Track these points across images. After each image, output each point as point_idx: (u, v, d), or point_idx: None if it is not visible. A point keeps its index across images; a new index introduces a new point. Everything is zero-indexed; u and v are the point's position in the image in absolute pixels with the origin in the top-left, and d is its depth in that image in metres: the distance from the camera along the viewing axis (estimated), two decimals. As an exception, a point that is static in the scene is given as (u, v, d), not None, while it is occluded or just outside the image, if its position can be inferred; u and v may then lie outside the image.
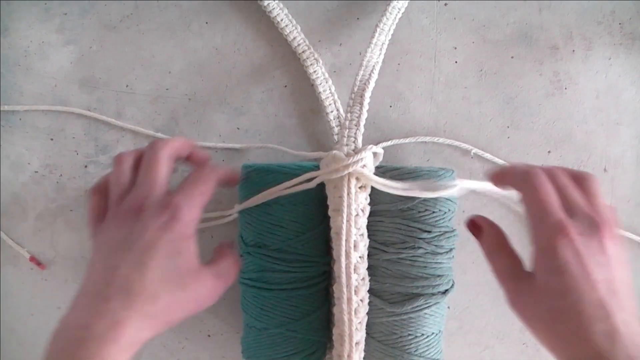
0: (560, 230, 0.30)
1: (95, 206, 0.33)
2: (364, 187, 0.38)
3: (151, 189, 0.31)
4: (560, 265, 0.29)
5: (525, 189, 0.32)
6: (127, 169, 0.33)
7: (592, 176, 0.33)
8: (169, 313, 0.30)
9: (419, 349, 0.39)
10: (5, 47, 0.45)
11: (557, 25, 0.46)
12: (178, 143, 0.34)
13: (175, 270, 0.30)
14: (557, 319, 0.29)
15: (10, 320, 0.46)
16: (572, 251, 0.29)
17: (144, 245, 0.30)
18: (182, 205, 0.31)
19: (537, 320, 0.30)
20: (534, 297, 0.30)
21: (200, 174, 0.33)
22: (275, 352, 0.39)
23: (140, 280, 0.29)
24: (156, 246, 0.30)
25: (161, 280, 0.30)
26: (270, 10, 0.44)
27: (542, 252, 0.30)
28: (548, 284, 0.30)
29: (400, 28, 0.44)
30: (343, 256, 0.37)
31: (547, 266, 0.30)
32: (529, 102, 0.46)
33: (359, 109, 0.39)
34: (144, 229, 0.30)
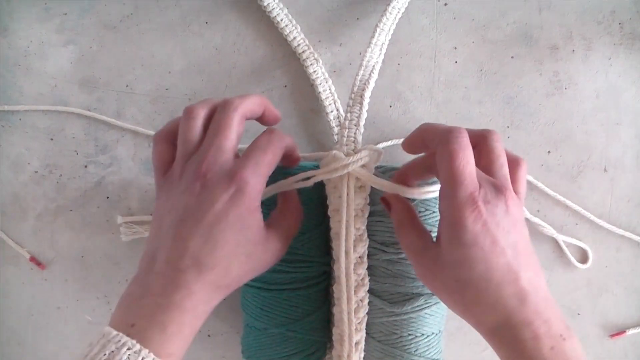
0: (470, 204, 0.29)
1: (160, 155, 0.33)
2: (364, 187, 0.38)
3: (219, 153, 0.31)
4: (469, 238, 0.29)
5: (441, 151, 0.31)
6: (197, 126, 0.32)
7: (492, 134, 0.32)
8: (239, 281, 0.32)
9: (419, 349, 0.39)
10: (5, 47, 0.45)
11: (557, 25, 0.46)
12: (253, 103, 0.33)
13: (244, 243, 0.31)
14: (466, 288, 0.30)
15: (10, 320, 0.46)
16: (481, 223, 0.29)
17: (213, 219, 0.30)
18: (249, 179, 0.31)
19: (445, 290, 0.31)
20: (441, 268, 0.31)
21: (269, 141, 0.33)
22: (275, 352, 0.39)
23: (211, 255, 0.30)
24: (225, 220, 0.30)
25: (232, 253, 0.31)
26: (270, 10, 0.44)
27: (450, 226, 0.30)
28: (455, 256, 0.30)
29: (400, 28, 0.44)
30: (343, 256, 0.37)
31: (454, 239, 0.30)
32: (529, 102, 0.46)
33: (358, 109, 0.39)
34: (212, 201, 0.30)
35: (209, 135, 0.32)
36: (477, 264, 0.29)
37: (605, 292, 0.47)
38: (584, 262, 0.46)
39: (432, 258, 0.32)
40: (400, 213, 0.36)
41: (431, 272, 0.32)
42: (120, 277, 0.46)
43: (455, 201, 0.30)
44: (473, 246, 0.29)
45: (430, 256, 0.32)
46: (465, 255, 0.29)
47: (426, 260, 0.32)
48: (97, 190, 0.46)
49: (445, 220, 0.31)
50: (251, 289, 0.40)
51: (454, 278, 0.30)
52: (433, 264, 0.32)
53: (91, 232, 0.46)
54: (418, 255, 0.33)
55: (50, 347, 0.47)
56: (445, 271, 0.31)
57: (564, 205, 0.46)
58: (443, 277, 0.31)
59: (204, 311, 0.31)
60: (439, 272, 0.31)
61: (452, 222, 0.30)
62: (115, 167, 0.46)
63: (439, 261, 0.31)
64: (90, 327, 0.46)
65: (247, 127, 0.46)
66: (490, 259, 0.29)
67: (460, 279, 0.30)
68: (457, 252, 0.30)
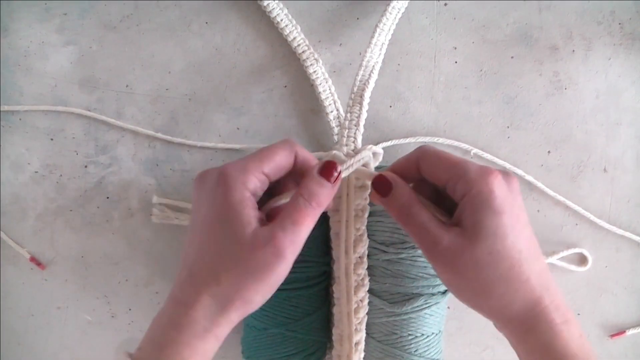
0: (489, 172, 0.29)
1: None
2: (364, 187, 0.38)
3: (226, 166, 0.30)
4: (498, 203, 0.29)
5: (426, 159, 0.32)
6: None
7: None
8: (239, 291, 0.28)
9: (419, 349, 0.39)
10: (5, 47, 0.45)
11: (557, 25, 0.46)
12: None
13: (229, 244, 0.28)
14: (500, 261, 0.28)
15: (10, 320, 0.46)
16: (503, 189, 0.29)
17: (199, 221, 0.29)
18: (229, 171, 0.29)
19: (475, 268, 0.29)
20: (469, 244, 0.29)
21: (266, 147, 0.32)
22: (275, 352, 0.39)
23: (198, 262, 0.29)
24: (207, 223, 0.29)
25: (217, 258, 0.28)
26: (270, 10, 0.44)
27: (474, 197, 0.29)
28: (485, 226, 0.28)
29: (400, 28, 0.44)
30: (342, 256, 0.37)
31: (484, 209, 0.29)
32: (529, 102, 0.46)
33: (358, 109, 0.39)
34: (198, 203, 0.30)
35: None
36: (509, 233, 0.28)
37: (605, 292, 0.47)
38: (583, 265, 0.46)
39: (457, 233, 0.29)
40: (409, 192, 0.32)
41: (457, 248, 0.29)
42: (120, 277, 0.46)
43: (472, 174, 0.29)
44: (503, 213, 0.28)
45: (454, 232, 0.30)
46: (497, 222, 0.28)
47: (451, 235, 0.29)
48: (97, 190, 0.46)
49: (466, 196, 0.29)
50: (251, 289, 0.40)
51: (487, 250, 0.28)
52: (460, 239, 0.29)
53: (91, 232, 0.46)
54: (439, 229, 0.30)
55: (50, 347, 0.47)
56: (477, 243, 0.29)
57: (564, 205, 0.46)
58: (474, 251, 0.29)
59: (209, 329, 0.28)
60: (468, 245, 0.29)
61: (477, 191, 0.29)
62: (115, 167, 0.46)
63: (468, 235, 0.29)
64: (90, 327, 0.46)
65: (247, 127, 0.46)
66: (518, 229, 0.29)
67: (494, 250, 0.28)
68: (489, 220, 0.28)
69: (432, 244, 0.30)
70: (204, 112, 0.45)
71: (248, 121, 0.45)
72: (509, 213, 0.29)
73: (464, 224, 0.30)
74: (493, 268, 0.29)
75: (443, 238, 0.30)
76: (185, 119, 0.45)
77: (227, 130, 0.45)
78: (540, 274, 0.29)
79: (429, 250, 0.31)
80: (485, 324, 0.46)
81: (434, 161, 0.32)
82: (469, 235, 0.29)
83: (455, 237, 0.29)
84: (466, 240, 0.29)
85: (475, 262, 0.29)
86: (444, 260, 0.30)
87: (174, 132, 0.45)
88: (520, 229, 0.29)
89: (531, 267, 0.29)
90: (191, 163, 0.45)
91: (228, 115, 0.45)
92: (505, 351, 0.46)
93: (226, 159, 0.45)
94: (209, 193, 0.30)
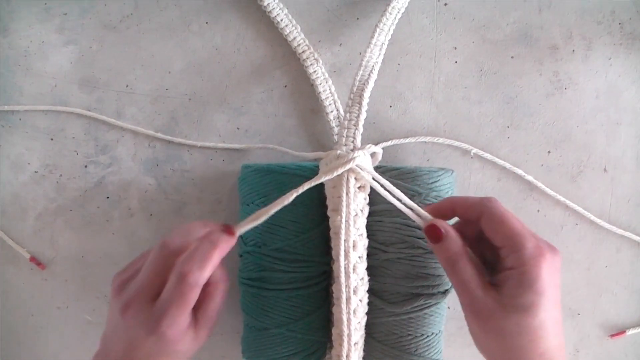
0: (542, 254, 0.31)
1: None
2: (363, 187, 0.38)
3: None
4: (541, 286, 0.31)
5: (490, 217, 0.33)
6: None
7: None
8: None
9: (419, 349, 0.39)
10: (5, 47, 0.45)
11: (557, 25, 0.46)
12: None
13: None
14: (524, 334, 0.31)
15: (10, 320, 0.46)
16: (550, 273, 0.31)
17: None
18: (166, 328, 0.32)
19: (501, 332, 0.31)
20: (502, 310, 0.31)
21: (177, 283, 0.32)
22: (275, 352, 0.39)
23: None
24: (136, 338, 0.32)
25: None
26: (270, 10, 0.44)
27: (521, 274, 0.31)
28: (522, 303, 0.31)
29: (400, 28, 0.44)
30: (342, 256, 0.37)
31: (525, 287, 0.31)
32: (529, 102, 0.46)
33: (357, 108, 0.39)
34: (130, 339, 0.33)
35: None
36: (542, 313, 0.31)
37: (605, 292, 0.47)
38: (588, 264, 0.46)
39: (493, 299, 0.32)
40: (458, 245, 0.33)
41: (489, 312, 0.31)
42: (120, 277, 0.46)
43: (526, 252, 0.31)
44: (542, 295, 0.30)
45: (491, 297, 0.32)
46: (534, 302, 0.30)
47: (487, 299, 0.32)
48: (97, 190, 0.46)
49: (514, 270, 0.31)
50: (251, 289, 0.40)
51: (516, 323, 0.31)
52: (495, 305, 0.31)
53: (91, 232, 0.46)
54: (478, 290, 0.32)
55: (50, 347, 0.47)
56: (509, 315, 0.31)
57: (564, 205, 0.46)
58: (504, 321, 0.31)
59: None
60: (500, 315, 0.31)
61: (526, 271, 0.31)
62: (115, 167, 0.46)
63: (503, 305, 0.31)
64: (90, 327, 0.46)
65: (247, 126, 0.46)
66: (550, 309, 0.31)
67: (522, 324, 0.31)
68: (528, 299, 0.30)
69: (469, 301, 0.32)
70: (204, 112, 0.45)
71: (248, 121, 0.45)
72: (547, 294, 0.31)
73: (504, 293, 0.31)
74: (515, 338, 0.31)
75: (478, 300, 0.32)
76: (185, 119, 0.45)
77: (227, 130, 0.45)
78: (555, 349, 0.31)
79: (464, 305, 0.33)
80: (485, 324, 0.46)
81: (496, 223, 0.33)
82: (504, 304, 0.31)
83: (492, 301, 0.32)
84: (501, 308, 0.31)
85: (502, 329, 0.31)
86: (474, 317, 0.33)
87: (174, 132, 0.45)
88: (551, 308, 0.31)
89: (550, 343, 0.31)
90: (191, 163, 0.45)
91: (228, 115, 0.45)
92: (505, 351, 0.46)
93: (226, 159, 0.45)
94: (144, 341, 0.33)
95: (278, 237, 0.38)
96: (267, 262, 0.39)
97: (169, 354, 0.32)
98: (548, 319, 0.31)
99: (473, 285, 0.32)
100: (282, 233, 0.38)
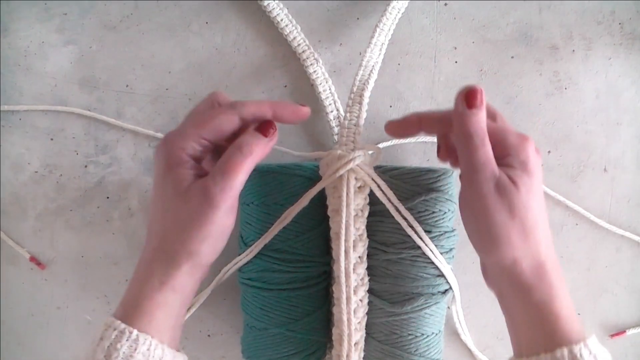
0: (526, 138, 0.32)
1: None
2: (364, 187, 0.38)
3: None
4: (533, 166, 0.32)
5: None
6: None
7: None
8: (184, 244, 0.31)
9: (419, 349, 0.39)
10: (5, 47, 0.45)
11: (557, 25, 0.46)
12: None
13: (168, 201, 0.31)
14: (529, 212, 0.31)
15: (10, 320, 0.46)
16: (536, 157, 0.32)
17: (152, 189, 0.33)
18: (167, 138, 0.32)
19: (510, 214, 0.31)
20: (516, 190, 0.31)
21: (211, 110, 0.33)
22: (275, 352, 0.39)
23: (151, 223, 0.33)
24: (154, 187, 0.33)
25: (160, 214, 0.32)
26: (270, 10, 0.44)
27: (516, 156, 0.32)
28: (525, 181, 0.31)
29: (400, 28, 0.44)
30: (342, 256, 0.37)
31: (521, 168, 0.32)
32: (529, 102, 0.46)
33: (358, 108, 0.39)
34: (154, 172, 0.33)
35: None
36: (537, 194, 0.32)
37: (605, 292, 0.47)
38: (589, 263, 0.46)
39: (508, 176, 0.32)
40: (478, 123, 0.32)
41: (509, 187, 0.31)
42: (120, 277, 0.46)
43: (513, 138, 0.32)
44: (534, 175, 0.32)
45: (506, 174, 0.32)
46: (531, 182, 0.31)
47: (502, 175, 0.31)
48: (97, 190, 0.46)
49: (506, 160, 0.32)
50: (251, 289, 0.40)
51: (522, 202, 0.31)
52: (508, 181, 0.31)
53: (91, 232, 0.46)
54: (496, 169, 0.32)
55: (50, 347, 0.47)
56: (520, 194, 0.31)
57: (564, 205, 0.46)
58: (516, 200, 0.31)
59: (161, 281, 0.31)
60: (514, 193, 0.31)
61: (518, 151, 0.32)
62: (115, 167, 0.46)
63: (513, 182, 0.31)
64: (90, 327, 0.46)
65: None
66: (540, 194, 0.32)
67: (527, 205, 0.31)
68: (526, 179, 0.31)
69: (491, 175, 0.31)
70: (204, 112, 0.45)
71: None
72: (539, 178, 0.32)
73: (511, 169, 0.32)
74: (524, 219, 0.31)
75: (501, 176, 0.31)
76: (185, 119, 0.45)
77: (227, 130, 0.45)
78: (547, 238, 0.32)
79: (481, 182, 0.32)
80: (485, 324, 0.47)
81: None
82: (515, 182, 0.31)
83: (506, 178, 0.32)
84: (514, 184, 0.31)
85: (511, 209, 0.31)
86: (497, 193, 0.31)
87: (174, 132, 0.45)
88: (540, 196, 0.32)
89: (547, 230, 0.32)
90: (191, 163, 0.45)
91: (228, 115, 0.45)
92: (505, 351, 0.46)
93: (226, 159, 0.45)
94: (155, 160, 0.33)
95: (278, 237, 0.38)
96: (268, 262, 0.39)
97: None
98: (542, 206, 0.32)
99: (494, 161, 0.32)
100: (282, 233, 0.38)
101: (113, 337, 0.29)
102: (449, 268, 0.39)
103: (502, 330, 0.46)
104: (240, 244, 0.40)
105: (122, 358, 0.29)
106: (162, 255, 0.31)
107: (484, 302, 0.46)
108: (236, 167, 0.31)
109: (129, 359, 0.29)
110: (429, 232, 0.38)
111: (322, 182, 0.38)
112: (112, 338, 0.29)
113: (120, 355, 0.29)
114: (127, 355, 0.29)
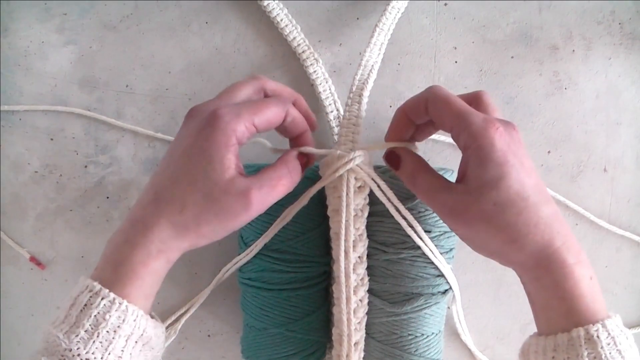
0: (490, 124, 0.30)
1: None
2: (363, 187, 0.38)
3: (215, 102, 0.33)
4: (500, 156, 0.29)
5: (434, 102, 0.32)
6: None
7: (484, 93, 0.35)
8: (199, 225, 0.30)
9: (419, 349, 0.39)
10: (5, 47, 0.45)
11: (557, 25, 0.46)
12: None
13: (203, 179, 0.30)
14: (506, 209, 0.29)
15: (10, 320, 0.46)
16: (505, 141, 0.30)
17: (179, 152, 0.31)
18: (223, 115, 0.31)
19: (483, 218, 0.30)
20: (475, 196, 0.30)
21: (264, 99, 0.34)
22: (275, 352, 0.39)
23: (168, 188, 0.31)
24: (189, 153, 0.31)
25: (188, 189, 0.30)
26: (270, 10, 0.44)
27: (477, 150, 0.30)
28: (490, 177, 0.29)
29: (400, 28, 0.44)
30: (342, 256, 0.37)
31: (485, 161, 0.30)
32: (529, 102, 0.46)
33: (357, 108, 0.39)
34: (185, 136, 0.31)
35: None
36: (513, 182, 0.29)
37: (605, 292, 0.47)
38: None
39: (461, 191, 0.31)
40: (413, 162, 0.34)
41: (463, 205, 0.30)
42: (120, 277, 0.46)
43: (474, 127, 0.30)
44: (505, 164, 0.29)
45: (459, 191, 0.31)
46: (499, 174, 0.29)
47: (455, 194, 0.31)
48: (97, 190, 0.46)
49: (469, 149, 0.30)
50: (251, 289, 0.40)
51: (492, 201, 0.29)
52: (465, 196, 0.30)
53: (91, 232, 0.46)
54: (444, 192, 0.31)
55: (50, 347, 0.47)
56: (481, 197, 0.29)
57: (564, 205, 0.46)
58: (479, 205, 0.30)
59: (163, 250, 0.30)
60: (473, 201, 0.30)
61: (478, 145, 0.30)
62: (115, 167, 0.46)
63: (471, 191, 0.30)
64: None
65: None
66: (522, 177, 0.30)
67: (499, 201, 0.29)
68: (491, 173, 0.29)
69: (440, 207, 0.32)
70: (204, 112, 0.45)
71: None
72: (511, 162, 0.29)
73: (468, 179, 0.31)
74: (500, 217, 0.29)
75: (447, 200, 0.31)
76: (185, 119, 0.45)
77: (227, 130, 0.45)
78: (550, 217, 0.30)
79: (439, 213, 0.33)
80: (485, 324, 0.47)
81: (440, 106, 0.32)
82: (472, 190, 0.30)
83: (460, 195, 0.31)
84: (470, 196, 0.30)
85: (482, 215, 0.30)
86: (454, 218, 0.31)
87: (173, 132, 0.45)
88: (524, 176, 0.30)
89: (540, 211, 0.30)
90: (191, 163, 0.45)
91: (228, 115, 0.45)
92: (505, 351, 0.46)
93: (226, 159, 0.45)
94: (196, 128, 0.31)
95: (278, 237, 0.38)
96: (268, 262, 0.39)
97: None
98: (525, 187, 0.29)
99: (437, 189, 0.32)
100: (282, 233, 0.38)
101: (102, 306, 0.28)
102: (448, 268, 0.39)
103: (502, 330, 0.46)
104: (240, 243, 0.40)
105: (109, 329, 0.28)
106: (169, 226, 0.30)
107: (484, 302, 0.46)
108: (283, 188, 0.33)
109: (116, 329, 0.28)
110: (428, 232, 0.38)
111: (322, 182, 0.38)
112: (101, 307, 0.28)
113: (109, 326, 0.28)
114: (114, 326, 0.28)
